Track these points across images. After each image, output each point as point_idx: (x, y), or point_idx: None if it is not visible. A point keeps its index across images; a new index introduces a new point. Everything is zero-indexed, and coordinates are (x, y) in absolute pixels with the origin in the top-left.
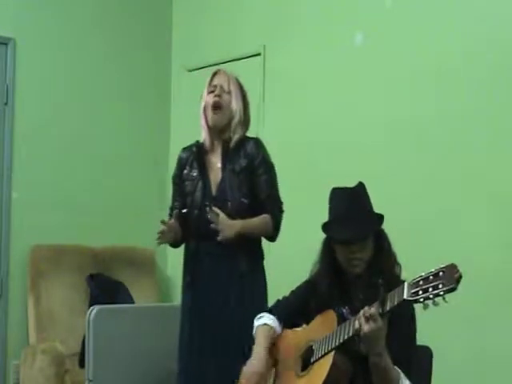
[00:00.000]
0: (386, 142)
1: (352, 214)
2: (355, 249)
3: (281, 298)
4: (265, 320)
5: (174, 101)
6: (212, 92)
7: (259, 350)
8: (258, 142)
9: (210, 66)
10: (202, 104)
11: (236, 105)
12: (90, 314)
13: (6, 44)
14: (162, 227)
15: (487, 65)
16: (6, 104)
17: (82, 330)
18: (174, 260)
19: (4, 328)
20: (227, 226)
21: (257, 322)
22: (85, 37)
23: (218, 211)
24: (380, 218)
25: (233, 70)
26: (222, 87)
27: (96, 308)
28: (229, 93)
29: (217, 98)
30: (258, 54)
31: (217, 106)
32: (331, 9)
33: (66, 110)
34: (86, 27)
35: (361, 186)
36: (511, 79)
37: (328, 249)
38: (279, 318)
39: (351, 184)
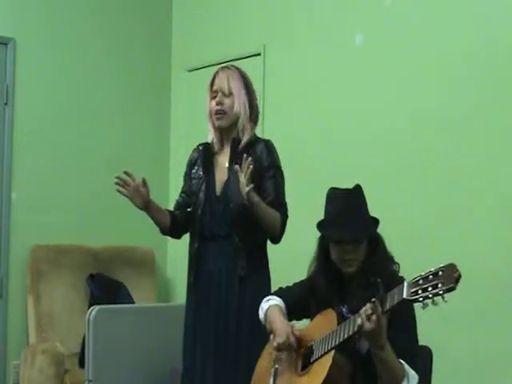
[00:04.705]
0: (386, 141)
1: (348, 214)
2: (349, 249)
3: (284, 286)
4: (275, 301)
5: (173, 101)
6: (214, 98)
7: (280, 321)
8: (268, 145)
9: (210, 65)
10: (208, 109)
11: (239, 105)
12: (90, 314)
13: (5, 44)
14: (123, 176)
15: (487, 64)
16: (5, 104)
17: (81, 330)
18: (173, 260)
19: (4, 328)
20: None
21: (267, 304)
22: (85, 37)
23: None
24: (375, 221)
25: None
26: (222, 91)
27: (96, 308)
28: (230, 94)
29: (218, 106)
30: (258, 54)
31: (219, 113)
32: (331, 9)
33: (65, 110)
34: (86, 27)
35: (358, 188)
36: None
37: (323, 247)
38: (286, 304)
39: (351, 183)
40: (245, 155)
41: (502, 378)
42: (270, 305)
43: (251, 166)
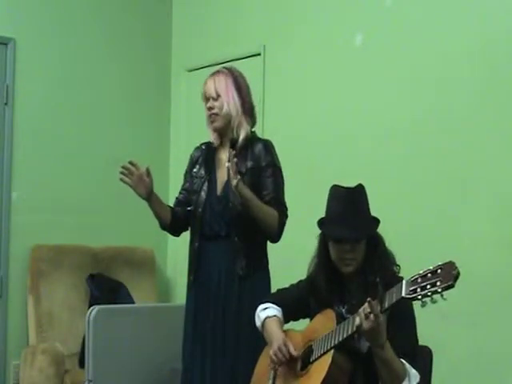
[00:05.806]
0: (386, 141)
1: (349, 213)
2: (348, 248)
3: (281, 288)
4: (273, 311)
5: (173, 101)
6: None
7: (277, 334)
8: (267, 145)
9: (210, 66)
10: (205, 115)
11: (228, 104)
12: (90, 314)
13: (5, 44)
14: (129, 166)
15: (488, 64)
16: (5, 104)
17: (82, 330)
18: (173, 260)
19: (4, 328)
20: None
21: (264, 313)
22: (85, 37)
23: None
24: (376, 221)
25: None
26: (211, 97)
27: (96, 308)
28: (218, 97)
29: (209, 112)
30: (258, 54)
31: (212, 116)
32: (331, 9)
33: (65, 110)
34: (86, 27)
35: (361, 187)
36: None
37: (323, 245)
38: (283, 310)
39: (350, 183)
40: (230, 149)
41: (502, 378)
42: (268, 315)
43: (235, 159)
